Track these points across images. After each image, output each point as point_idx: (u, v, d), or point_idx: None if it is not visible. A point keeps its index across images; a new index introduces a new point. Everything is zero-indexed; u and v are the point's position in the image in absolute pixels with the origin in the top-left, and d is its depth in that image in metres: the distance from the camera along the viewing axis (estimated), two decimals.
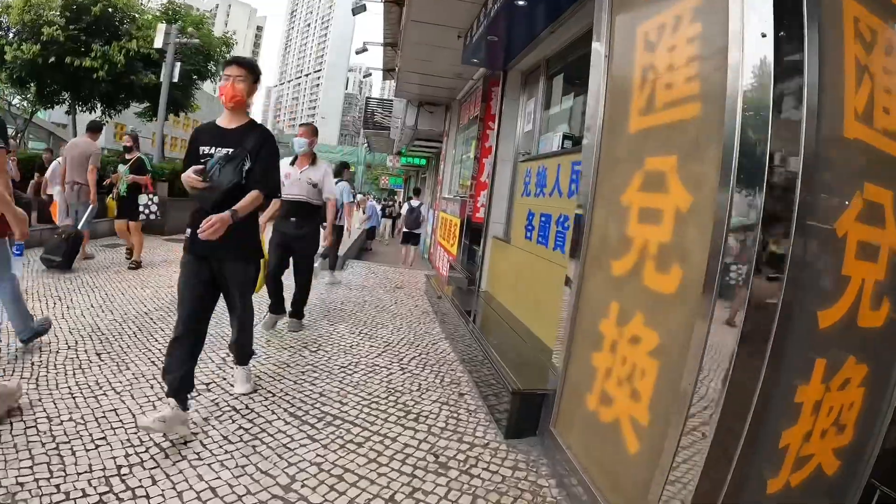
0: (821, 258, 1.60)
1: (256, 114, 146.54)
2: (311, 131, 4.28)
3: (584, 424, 2.37)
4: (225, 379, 3.24)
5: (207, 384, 3.14)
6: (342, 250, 8.07)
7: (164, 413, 2.37)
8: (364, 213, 17.87)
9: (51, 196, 7.03)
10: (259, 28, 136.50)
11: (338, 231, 7.14)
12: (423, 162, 16.92)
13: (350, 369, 3.71)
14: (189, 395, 2.59)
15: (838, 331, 1.64)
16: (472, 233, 7.02)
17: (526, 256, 4.53)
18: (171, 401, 2.45)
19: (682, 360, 1.67)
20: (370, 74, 18.88)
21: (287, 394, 3.16)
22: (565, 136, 4.04)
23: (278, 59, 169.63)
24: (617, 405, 2.10)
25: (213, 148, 2.66)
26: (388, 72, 20.01)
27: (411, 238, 11.09)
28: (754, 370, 1.50)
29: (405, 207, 10.50)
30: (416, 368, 3.89)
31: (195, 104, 16.25)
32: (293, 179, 4.20)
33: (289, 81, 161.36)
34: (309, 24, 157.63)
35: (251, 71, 2.71)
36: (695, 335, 1.63)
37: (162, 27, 11.33)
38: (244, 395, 3.06)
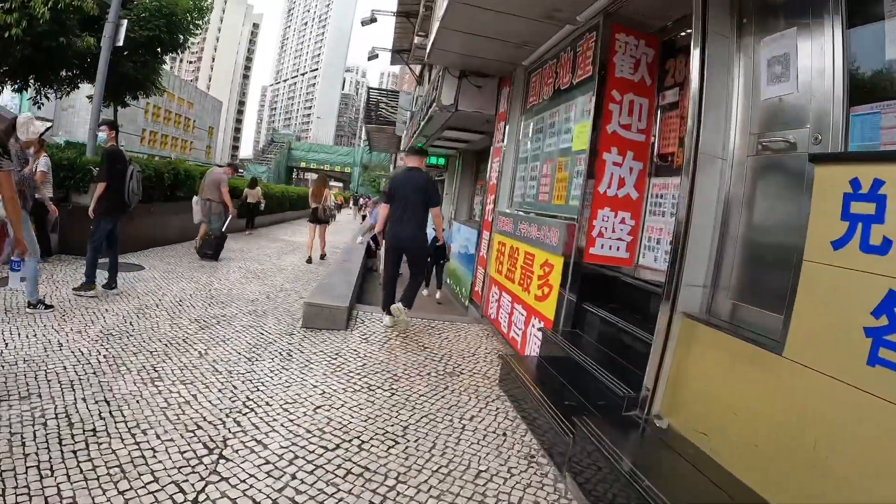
0: None
1: (250, 112, 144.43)
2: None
3: None
4: None
5: None
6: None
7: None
8: (366, 219, 14.79)
9: None
10: (255, 25, 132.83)
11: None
12: (443, 161, 13.85)
13: None
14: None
15: None
16: (588, 283, 4.04)
17: None
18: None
19: None
20: (376, 56, 15.88)
21: None
22: None
23: (274, 57, 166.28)
24: None
25: None
26: (398, 53, 16.96)
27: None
28: None
29: None
30: None
31: (159, 85, 12.87)
32: None
33: (284, 81, 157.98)
34: (306, 23, 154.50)
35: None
36: None
37: None
38: None
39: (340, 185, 65.76)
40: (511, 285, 5.25)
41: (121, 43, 8.09)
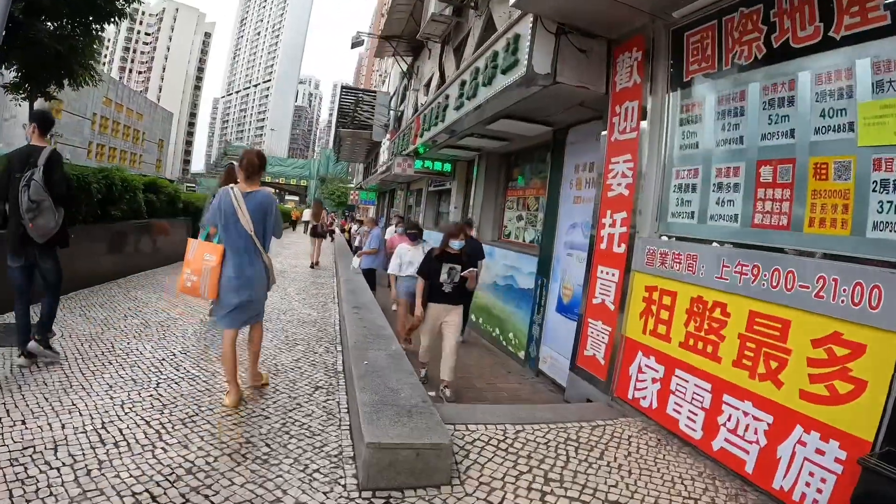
0: None
1: (202, 125, 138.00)
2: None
3: None
4: None
5: None
6: None
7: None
8: (357, 244, 12.45)
9: None
10: (207, 35, 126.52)
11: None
12: (449, 168, 11.55)
13: None
14: None
15: None
16: None
17: None
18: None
19: None
20: (361, 42, 13.64)
21: None
22: None
23: (227, 68, 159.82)
24: None
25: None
26: (386, 39, 14.68)
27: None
28: None
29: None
30: None
31: (93, 69, 9.84)
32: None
33: (237, 92, 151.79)
34: (259, 33, 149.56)
35: None
36: None
37: None
38: None
39: (296, 198, 61.90)
40: (707, 364, 3.03)
41: None
